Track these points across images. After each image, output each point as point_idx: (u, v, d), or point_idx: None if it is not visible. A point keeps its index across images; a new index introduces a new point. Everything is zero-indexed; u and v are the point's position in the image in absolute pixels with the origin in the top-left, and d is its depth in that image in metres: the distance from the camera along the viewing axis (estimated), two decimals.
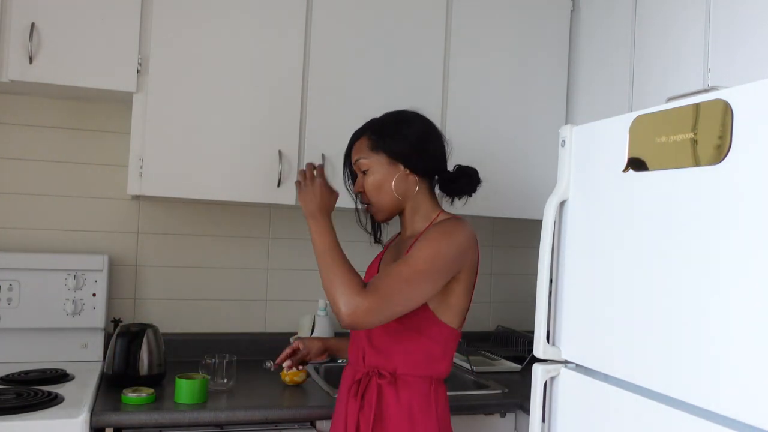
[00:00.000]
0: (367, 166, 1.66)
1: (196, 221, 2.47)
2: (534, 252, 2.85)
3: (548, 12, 2.47)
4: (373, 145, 1.65)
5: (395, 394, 1.59)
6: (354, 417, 1.60)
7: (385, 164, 1.65)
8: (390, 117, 1.71)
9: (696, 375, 1.13)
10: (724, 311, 1.08)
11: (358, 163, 1.67)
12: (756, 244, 1.04)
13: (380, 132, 1.67)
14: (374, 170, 1.65)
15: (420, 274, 1.50)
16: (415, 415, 1.58)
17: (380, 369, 1.61)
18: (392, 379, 1.59)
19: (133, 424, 1.74)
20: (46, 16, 1.98)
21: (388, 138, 1.65)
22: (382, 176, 1.64)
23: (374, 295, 1.45)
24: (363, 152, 1.67)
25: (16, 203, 2.30)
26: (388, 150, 1.64)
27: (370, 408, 1.58)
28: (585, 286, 1.43)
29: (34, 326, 2.17)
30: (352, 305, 1.43)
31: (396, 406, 1.58)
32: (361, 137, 1.69)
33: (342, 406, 1.66)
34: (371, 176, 1.65)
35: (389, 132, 1.66)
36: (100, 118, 2.37)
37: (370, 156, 1.65)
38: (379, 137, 1.66)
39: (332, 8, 2.23)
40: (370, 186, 1.65)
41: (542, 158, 2.44)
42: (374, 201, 1.67)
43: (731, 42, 1.72)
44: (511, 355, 2.53)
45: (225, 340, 2.45)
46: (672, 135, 1.21)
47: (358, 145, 1.69)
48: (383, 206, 1.67)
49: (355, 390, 1.62)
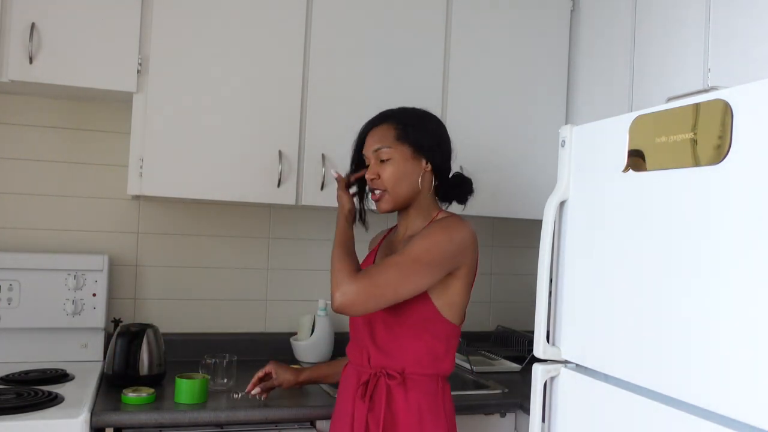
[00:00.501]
0: (388, 155, 1.62)
1: (196, 221, 2.47)
2: (534, 252, 2.84)
3: (548, 12, 2.47)
4: (400, 135, 1.63)
5: (404, 394, 1.59)
6: (362, 419, 1.58)
7: (409, 156, 1.63)
8: (411, 110, 1.70)
9: (696, 375, 1.13)
10: (724, 311, 1.09)
11: (380, 151, 1.63)
12: (756, 244, 1.04)
13: (406, 123, 1.65)
14: (397, 160, 1.62)
15: (414, 264, 1.51)
16: (424, 414, 1.59)
17: (388, 369, 1.60)
18: (401, 380, 1.59)
19: (133, 424, 1.74)
20: (46, 16, 1.98)
21: (415, 130, 1.63)
22: (406, 168, 1.62)
23: (364, 281, 1.48)
24: (387, 141, 1.63)
25: (16, 203, 2.30)
26: (415, 142, 1.63)
27: (380, 410, 1.57)
28: (585, 286, 1.43)
29: (34, 326, 2.17)
30: (342, 289, 1.48)
31: (405, 407, 1.58)
32: (383, 125, 1.66)
33: (347, 407, 1.64)
34: (393, 166, 1.62)
35: (415, 124, 1.65)
36: (100, 118, 2.37)
37: (394, 145, 1.62)
38: (406, 128, 1.64)
39: (332, 8, 2.23)
40: (390, 175, 1.62)
41: (542, 158, 2.44)
42: (391, 190, 1.63)
43: (731, 42, 1.72)
44: (511, 355, 2.53)
45: (225, 340, 2.45)
46: (672, 135, 1.21)
47: (382, 133, 1.65)
48: (399, 197, 1.64)
49: (362, 392, 1.61)
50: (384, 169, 1.63)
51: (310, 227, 2.58)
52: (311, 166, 2.19)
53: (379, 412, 1.58)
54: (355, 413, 1.61)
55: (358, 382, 1.63)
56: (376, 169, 1.64)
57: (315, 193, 2.19)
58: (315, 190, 2.19)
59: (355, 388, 1.63)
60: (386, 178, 1.62)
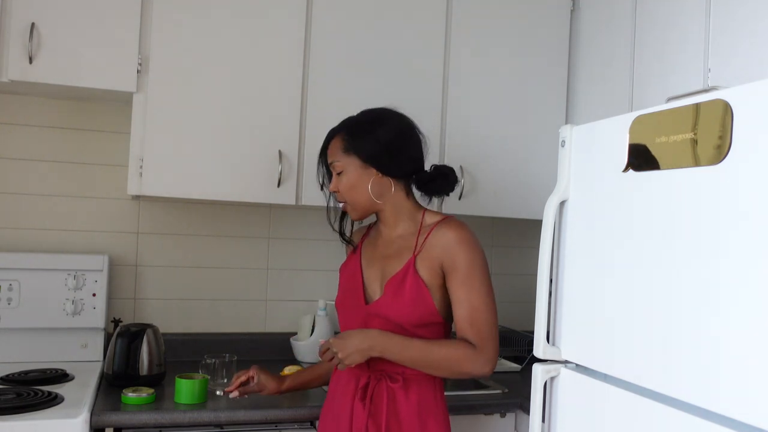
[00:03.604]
0: (341, 168, 1.64)
1: (196, 221, 2.47)
2: (534, 252, 2.85)
3: (548, 12, 2.47)
4: (346, 147, 1.64)
5: (405, 396, 1.59)
6: (362, 422, 1.58)
7: (358, 167, 1.63)
8: (365, 117, 1.69)
9: (696, 375, 1.13)
10: (724, 311, 1.08)
11: (333, 165, 1.66)
12: (756, 244, 1.04)
13: (353, 134, 1.64)
14: (348, 172, 1.64)
15: (490, 293, 1.61)
16: (424, 415, 1.59)
17: (389, 372, 1.60)
18: (403, 383, 1.60)
19: (133, 424, 1.74)
20: (46, 16, 1.98)
21: (361, 140, 1.63)
22: (356, 178, 1.63)
23: (489, 343, 1.58)
24: (336, 155, 1.65)
25: (16, 203, 2.30)
26: (361, 153, 1.63)
27: (381, 412, 1.57)
28: (585, 286, 1.43)
29: (34, 326, 2.17)
30: (484, 368, 1.57)
31: (406, 408, 1.59)
32: (335, 137, 1.68)
33: (343, 410, 1.62)
34: (345, 177, 1.64)
35: (362, 134, 1.64)
36: (100, 118, 2.37)
37: (342, 158, 1.64)
38: (352, 139, 1.64)
39: (332, 8, 2.23)
40: (345, 187, 1.64)
41: (542, 158, 2.44)
42: (350, 201, 1.66)
43: (731, 42, 1.72)
44: (511, 355, 2.53)
45: (225, 340, 2.45)
46: (672, 135, 1.21)
47: (333, 146, 1.67)
48: (358, 206, 1.66)
49: (361, 395, 1.60)
50: (340, 181, 1.65)
51: (310, 227, 2.58)
52: (311, 166, 2.19)
53: (380, 414, 1.57)
54: (354, 416, 1.60)
55: (357, 384, 1.62)
56: (336, 182, 1.67)
57: (315, 193, 2.18)
58: (315, 190, 2.18)
59: (353, 390, 1.62)
60: (343, 190, 1.65)
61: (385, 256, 1.68)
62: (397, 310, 1.59)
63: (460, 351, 1.56)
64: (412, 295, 1.59)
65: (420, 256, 1.61)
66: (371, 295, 1.67)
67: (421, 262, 1.61)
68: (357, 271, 1.71)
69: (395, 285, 1.61)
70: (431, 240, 1.62)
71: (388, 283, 1.62)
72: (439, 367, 1.57)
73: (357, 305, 1.67)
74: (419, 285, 1.59)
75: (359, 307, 1.66)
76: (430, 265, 1.60)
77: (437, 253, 1.60)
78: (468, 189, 2.32)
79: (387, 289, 1.62)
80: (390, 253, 1.67)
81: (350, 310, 1.69)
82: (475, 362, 1.56)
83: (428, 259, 1.60)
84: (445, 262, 1.59)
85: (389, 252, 1.67)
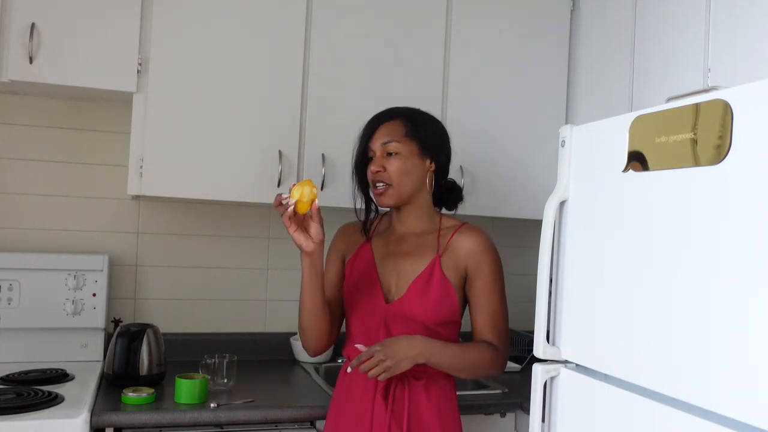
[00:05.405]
0: (398, 149, 1.63)
1: (196, 221, 2.47)
2: (534, 252, 2.83)
3: (548, 12, 2.46)
4: (409, 131, 1.64)
5: (426, 395, 1.60)
6: (384, 422, 1.56)
7: (417, 154, 1.65)
8: (419, 110, 1.71)
9: (695, 375, 1.13)
10: (724, 311, 1.08)
11: (389, 144, 1.63)
12: (756, 244, 1.04)
13: (416, 121, 1.66)
14: (403, 156, 1.63)
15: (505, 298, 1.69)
16: (443, 414, 1.61)
17: (413, 370, 1.57)
18: (426, 382, 1.61)
19: (133, 424, 1.74)
20: (46, 16, 1.98)
21: (424, 130, 1.66)
22: (411, 165, 1.63)
23: (506, 345, 1.67)
24: (397, 136, 1.63)
25: (16, 203, 2.29)
26: (423, 141, 1.65)
27: (403, 411, 1.57)
28: (585, 286, 1.43)
29: (34, 326, 2.17)
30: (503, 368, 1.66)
31: (428, 408, 1.60)
32: (393, 120, 1.66)
33: (363, 410, 1.59)
34: (400, 161, 1.62)
35: (425, 124, 1.67)
36: (100, 118, 2.37)
37: (403, 141, 1.63)
38: (415, 126, 1.65)
39: (332, 8, 2.23)
40: (396, 169, 1.62)
41: (542, 158, 2.44)
42: (396, 185, 1.62)
43: (731, 42, 1.72)
44: (511, 355, 2.52)
45: (225, 340, 2.45)
46: (672, 135, 1.21)
47: (392, 128, 1.65)
48: (403, 192, 1.64)
49: (383, 394, 1.59)
50: (390, 162, 1.63)
51: None
52: (311, 166, 2.19)
53: (402, 413, 1.57)
54: (375, 415, 1.58)
55: (377, 384, 1.59)
56: (382, 162, 1.63)
57: None
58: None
59: (373, 390, 1.60)
60: (392, 171, 1.62)
61: (400, 253, 1.67)
62: (423, 309, 1.60)
63: (488, 353, 1.61)
64: (439, 294, 1.61)
65: (444, 257, 1.63)
66: (388, 293, 1.66)
67: (446, 263, 1.63)
68: (372, 267, 1.69)
69: (422, 284, 1.61)
70: (455, 243, 1.65)
71: (414, 282, 1.62)
72: (472, 369, 1.62)
73: (375, 303, 1.65)
74: (446, 284, 1.62)
75: (378, 305, 1.64)
76: (455, 267, 1.64)
77: (462, 256, 1.64)
78: (468, 189, 2.32)
79: (413, 288, 1.62)
80: (406, 250, 1.67)
81: (366, 308, 1.66)
82: (498, 363, 1.63)
83: (453, 261, 1.64)
84: (470, 267, 1.64)
85: (404, 249, 1.67)
